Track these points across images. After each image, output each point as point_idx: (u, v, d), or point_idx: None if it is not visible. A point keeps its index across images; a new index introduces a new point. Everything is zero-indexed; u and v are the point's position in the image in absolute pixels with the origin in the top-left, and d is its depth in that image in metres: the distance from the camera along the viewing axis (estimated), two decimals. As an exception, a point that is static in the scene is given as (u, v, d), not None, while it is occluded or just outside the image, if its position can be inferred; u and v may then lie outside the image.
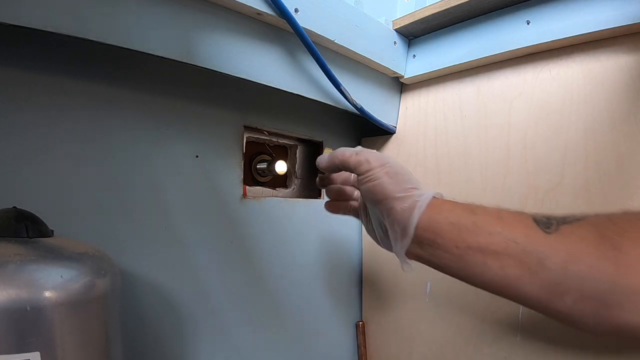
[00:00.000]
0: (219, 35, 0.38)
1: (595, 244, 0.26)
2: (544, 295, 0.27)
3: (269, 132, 0.52)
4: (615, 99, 0.39)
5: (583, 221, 0.27)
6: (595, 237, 0.26)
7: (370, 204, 0.35)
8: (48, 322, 0.22)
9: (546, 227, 0.27)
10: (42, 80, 0.34)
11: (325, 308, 0.58)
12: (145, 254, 0.40)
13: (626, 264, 0.25)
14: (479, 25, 0.48)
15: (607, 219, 0.27)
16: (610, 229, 0.26)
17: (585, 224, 0.27)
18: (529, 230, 0.28)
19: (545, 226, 0.27)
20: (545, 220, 0.28)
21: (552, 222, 0.28)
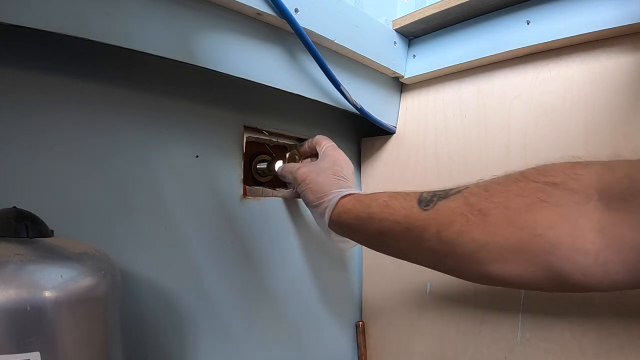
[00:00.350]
0: (219, 35, 0.38)
1: (461, 212, 0.31)
2: (431, 260, 0.35)
3: (269, 132, 0.52)
4: (615, 99, 0.39)
5: (459, 194, 0.33)
6: (462, 207, 0.31)
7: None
8: (48, 322, 0.22)
9: (425, 205, 0.34)
10: (42, 80, 0.34)
11: (325, 308, 0.58)
12: (145, 254, 0.40)
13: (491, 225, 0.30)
14: (479, 25, 0.48)
15: (481, 187, 0.32)
16: (479, 195, 0.31)
17: (459, 196, 0.32)
18: (409, 212, 0.34)
19: (425, 204, 0.34)
20: (429, 198, 0.34)
21: (433, 200, 0.33)
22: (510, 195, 0.30)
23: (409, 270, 0.56)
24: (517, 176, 0.31)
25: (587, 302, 0.40)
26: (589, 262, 0.27)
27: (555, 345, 0.42)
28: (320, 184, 0.43)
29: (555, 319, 0.42)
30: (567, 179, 0.28)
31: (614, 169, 0.27)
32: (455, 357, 0.51)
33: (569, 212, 0.28)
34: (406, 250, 0.37)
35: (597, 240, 0.26)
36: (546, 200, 0.28)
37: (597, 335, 0.39)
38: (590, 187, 0.27)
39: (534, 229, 0.29)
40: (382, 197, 0.37)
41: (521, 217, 0.29)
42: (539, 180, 0.29)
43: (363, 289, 0.64)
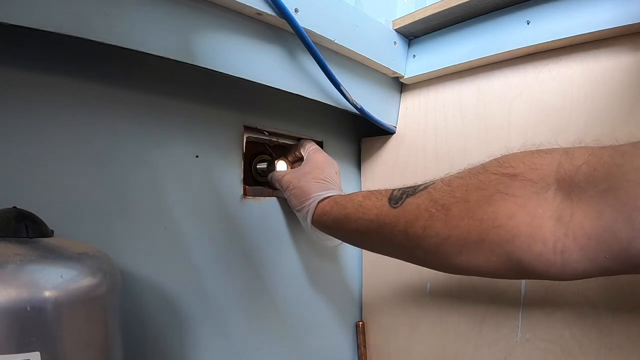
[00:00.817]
0: (219, 35, 0.38)
1: (425, 208, 0.33)
2: (403, 254, 0.38)
3: (269, 132, 0.52)
4: (615, 99, 0.39)
5: (425, 190, 0.34)
6: (427, 202, 0.33)
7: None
8: (48, 322, 0.22)
9: (395, 202, 0.35)
10: (42, 80, 0.34)
11: (325, 308, 0.58)
12: (145, 254, 0.40)
13: (453, 218, 0.31)
14: (479, 25, 0.48)
15: (445, 182, 0.33)
16: (443, 190, 0.32)
17: (424, 192, 0.34)
18: (380, 210, 0.36)
19: (395, 202, 0.35)
20: (399, 196, 0.35)
21: (402, 197, 0.35)
22: (470, 189, 0.31)
23: (409, 270, 0.56)
24: (478, 169, 0.32)
25: (587, 302, 0.40)
26: (548, 250, 0.27)
27: (555, 345, 0.42)
28: (301, 189, 0.45)
29: (555, 319, 0.42)
30: (526, 169, 0.29)
31: (574, 157, 0.27)
32: (455, 357, 0.51)
33: (528, 202, 0.28)
34: (380, 246, 0.40)
35: (555, 229, 0.27)
36: (505, 191, 0.29)
37: (597, 335, 0.39)
38: (550, 177, 0.28)
39: (494, 221, 0.29)
40: (357, 198, 0.39)
41: (481, 210, 0.30)
42: (499, 172, 0.30)
43: (363, 289, 0.64)
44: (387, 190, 0.38)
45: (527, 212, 0.28)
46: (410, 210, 0.34)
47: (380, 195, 0.38)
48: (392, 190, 0.37)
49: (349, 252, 0.62)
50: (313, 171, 0.47)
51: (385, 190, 0.38)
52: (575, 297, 0.40)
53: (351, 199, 0.40)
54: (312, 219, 0.44)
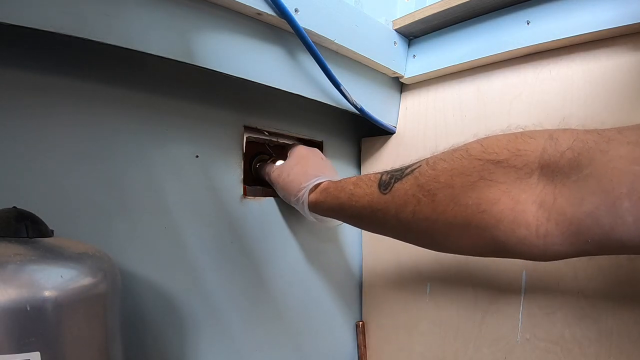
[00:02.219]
0: (219, 35, 0.38)
1: (413, 194, 0.33)
2: (398, 235, 0.39)
3: (269, 132, 0.52)
4: (615, 99, 0.39)
5: (411, 174, 0.34)
6: (414, 188, 0.34)
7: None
8: (48, 322, 0.22)
9: (384, 188, 0.36)
10: (41, 80, 0.34)
11: (325, 308, 0.58)
12: (145, 254, 0.40)
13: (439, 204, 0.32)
14: (479, 25, 0.48)
15: (430, 165, 0.34)
16: (428, 175, 0.33)
17: (410, 177, 0.34)
18: (371, 197, 0.37)
19: (384, 188, 0.36)
20: (387, 181, 0.36)
21: (391, 182, 0.36)
22: (454, 174, 0.31)
23: (409, 270, 0.56)
24: (462, 152, 0.32)
25: (587, 302, 0.40)
26: (531, 234, 0.28)
27: (555, 345, 0.42)
28: (291, 182, 0.46)
29: (555, 319, 0.42)
30: (510, 155, 0.29)
31: (559, 142, 0.27)
32: (455, 357, 0.51)
33: (511, 188, 0.29)
34: (376, 229, 0.41)
35: (539, 214, 0.27)
36: (489, 178, 0.30)
37: (597, 335, 0.39)
38: (534, 163, 0.28)
39: (478, 206, 0.30)
40: (348, 186, 0.40)
41: (466, 195, 0.31)
42: (482, 157, 0.30)
43: (363, 289, 0.64)
44: (376, 175, 0.38)
45: (510, 197, 0.29)
46: (399, 196, 0.35)
47: (369, 181, 0.38)
48: (381, 175, 0.38)
49: (349, 252, 0.62)
50: (299, 162, 0.47)
51: (374, 175, 0.39)
52: (575, 297, 0.40)
53: (343, 188, 0.41)
54: (309, 208, 0.45)
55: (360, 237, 0.64)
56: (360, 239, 0.64)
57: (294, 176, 0.46)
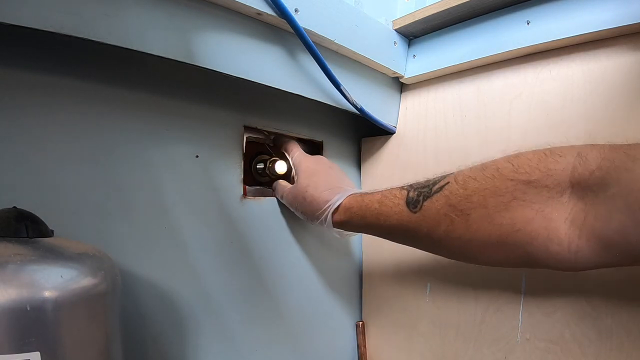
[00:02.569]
0: (219, 35, 0.38)
1: (445, 214, 0.34)
2: (429, 250, 0.40)
3: (269, 132, 0.52)
4: (615, 99, 0.39)
5: (440, 192, 0.35)
6: (445, 207, 0.34)
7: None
8: (48, 322, 0.22)
9: (413, 207, 0.36)
10: (42, 80, 0.34)
11: (325, 308, 0.58)
12: (145, 254, 0.40)
13: (473, 223, 0.33)
14: (479, 25, 0.48)
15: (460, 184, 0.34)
16: (459, 195, 0.33)
17: (440, 196, 0.35)
18: (400, 216, 0.37)
19: (413, 206, 0.36)
20: (415, 199, 0.36)
21: (419, 200, 0.36)
22: (487, 195, 0.32)
23: (409, 270, 0.56)
24: (492, 171, 0.33)
25: (587, 302, 0.40)
26: (563, 250, 0.29)
27: (555, 345, 0.42)
28: (309, 205, 0.45)
29: (555, 319, 0.42)
30: (541, 176, 0.30)
31: (588, 161, 0.28)
32: (455, 357, 0.51)
33: (544, 207, 0.30)
34: (407, 244, 0.41)
35: (570, 231, 0.29)
36: (522, 198, 0.31)
37: (597, 335, 0.39)
38: (565, 182, 0.29)
39: (513, 225, 0.31)
40: (373, 205, 0.40)
41: (499, 215, 0.32)
42: (514, 178, 0.31)
43: (363, 289, 0.64)
44: (402, 192, 0.38)
45: (543, 216, 0.30)
46: (430, 216, 0.35)
47: (396, 199, 0.38)
48: (407, 191, 0.38)
49: (349, 252, 0.62)
50: (311, 181, 0.46)
51: (399, 191, 0.38)
52: (576, 297, 0.40)
53: (367, 207, 0.40)
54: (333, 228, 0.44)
55: (361, 237, 0.64)
56: (360, 239, 0.64)
57: (311, 198, 0.44)
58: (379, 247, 0.61)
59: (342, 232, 0.45)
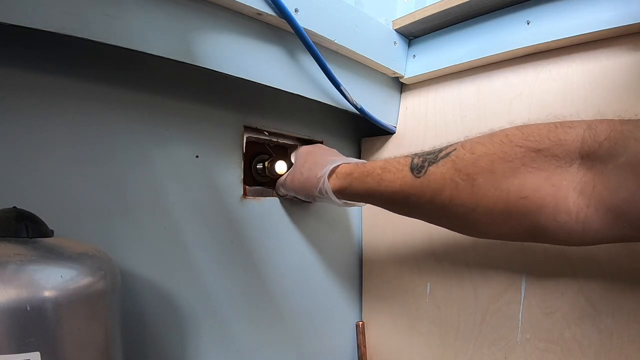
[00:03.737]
0: (219, 35, 0.38)
1: (450, 178, 0.33)
2: (431, 220, 0.39)
3: (269, 132, 0.52)
4: (615, 99, 0.39)
5: (447, 157, 0.34)
6: (451, 172, 0.33)
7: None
8: (48, 322, 0.22)
9: (417, 172, 0.35)
10: (41, 81, 0.34)
11: (325, 308, 0.58)
12: (145, 254, 0.40)
13: (479, 189, 0.32)
14: (479, 25, 0.48)
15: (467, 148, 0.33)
16: (466, 160, 0.33)
17: (447, 161, 0.34)
18: (403, 181, 0.36)
19: (417, 171, 0.35)
20: (420, 164, 0.36)
21: (424, 165, 0.35)
22: (495, 160, 0.31)
23: (409, 270, 0.56)
24: (501, 138, 0.32)
25: (587, 302, 0.40)
26: (571, 220, 0.29)
27: (555, 345, 0.42)
28: (307, 180, 0.44)
29: (555, 319, 0.42)
30: (551, 145, 0.30)
31: (597, 133, 0.28)
32: (455, 357, 0.51)
33: (552, 175, 0.29)
34: (408, 213, 0.40)
35: (579, 200, 0.28)
36: (530, 165, 0.30)
37: (597, 335, 0.39)
38: (574, 153, 0.29)
39: (520, 192, 0.30)
40: (376, 170, 0.39)
41: (507, 181, 0.31)
42: (524, 145, 0.30)
43: (363, 289, 0.64)
44: (406, 159, 0.37)
45: (552, 184, 0.29)
46: (435, 180, 0.34)
47: (400, 165, 0.37)
48: (412, 158, 0.37)
49: (349, 252, 0.62)
50: (307, 159, 0.47)
51: (404, 158, 0.38)
52: (576, 296, 0.40)
53: (369, 173, 0.39)
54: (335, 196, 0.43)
55: (361, 237, 0.64)
56: (360, 239, 0.64)
57: (307, 172, 0.45)
58: (379, 247, 0.61)
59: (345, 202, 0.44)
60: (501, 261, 0.46)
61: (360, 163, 0.42)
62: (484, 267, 0.48)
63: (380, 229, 0.60)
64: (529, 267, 0.44)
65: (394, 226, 0.58)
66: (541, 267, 0.43)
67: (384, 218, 0.59)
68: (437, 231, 0.51)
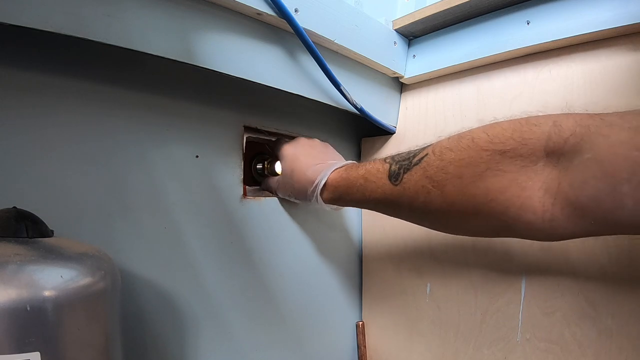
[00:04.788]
0: (219, 35, 0.38)
1: (422, 185, 0.35)
2: (413, 221, 0.41)
3: (269, 132, 0.52)
4: (615, 99, 0.39)
5: (419, 165, 0.36)
6: (423, 179, 0.35)
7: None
8: (48, 322, 0.22)
9: (395, 180, 0.37)
10: (41, 81, 0.34)
11: (325, 308, 0.58)
12: (145, 254, 0.40)
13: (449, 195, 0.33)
14: (479, 25, 0.48)
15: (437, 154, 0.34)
16: (435, 167, 0.34)
17: (419, 168, 0.35)
18: (383, 190, 0.38)
19: (394, 179, 0.37)
20: (396, 172, 0.37)
21: (400, 173, 0.37)
22: (462, 165, 0.32)
23: (409, 271, 0.56)
24: (467, 141, 0.33)
25: (587, 302, 0.40)
26: (537, 219, 0.29)
27: (555, 345, 0.42)
28: (299, 192, 0.46)
29: (555, 319, 0.42)
30: (516, 145, 0.30)
31: (562, 129, 0.28)
32: (455, 357, 0.51)
33: (518, 176, 0.30)
34: (393, 215, 0.42)
35: (545, 199, 0.29)
36: (496, 168, 0.31)
37: (597, 335, 0.39)
38: (539, 151, 0.29)
39: (486, 195, 0.31)
40: (359, 181, 0.41)
41: (474, 186, 0.32)
42: (489, 148, 0.31)
43: (363, 289, 0.64)
44: (384, 165, 0.39)
45: (517, 185, 0.30)
46: (409, 188, 0.36)
47: (379, 173, 0.39)
48: (389, 164, 0.38)
49: (349, 252, 0.62)
50: (294, 165, 0.47)
51: (382, 164, 0.39)
52: (575, 297, 0.40)
53: (353, 184, 0.41)
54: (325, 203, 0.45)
55: (361, 237, 0.64)
56: (360, 239, 0.64)
57: (298, 183, 0.46)
58: (379, 247, 0.61)
59: (334, 207, 0.47)
60: (501, 261, 0.46)
61: (344, 168, 0.44)
62: (484, 267, 0.48)
63: (380, 229, 0.60)
64: (529, 267, 0.44)
65: (394, 226, 0.58)
66: (541, 267, 0.43)
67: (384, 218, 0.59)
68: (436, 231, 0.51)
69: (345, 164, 0.45)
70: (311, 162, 0.46)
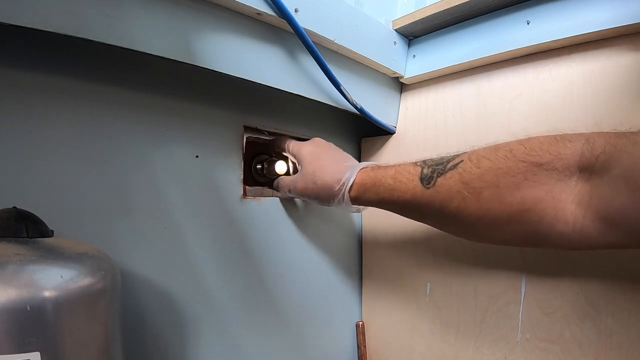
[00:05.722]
0: (219, 35, 0.38)
1: (458, 190, 0.35)
2: (440, 227, 0.41)
3: (269, 132, 0.52)
4: (615, 99, 0.39)
5: (454, 170, 0.36)
6: (458, 185, 0.35)
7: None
8: (48, 322, 0.22)
9: (427, 183, 0.37)
10: (42, 80, 0.34)
11: (325, 308, 0.58)
12: (145, 254, 0.40)
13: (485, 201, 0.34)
14: (479, 25, 0.48)
15: (473, 162, 0.35)
16: (472, 173, 0.35)
17: (454, 173, 0.36)
18: (414, 192, 0.38)
19: (427, 182, 0.37)
20: (429, 175, 0.38)
21: (433, 176, 0.37)
22: (500, 174, 0.33)
23: (409, 270, 0.56)
24: (505, 153, 0.34)
25: (587, 302, 0.40)
26: (568, 229, 0.31)
27: (555, 345, 0.42)
28: (322, 190, 0.45)
29: (555, 319, 0.42)
30: (552, 159, 0.31)
31: (594, 147, 0.30)
32: (455, 357, 0.51)
33: (553, 188, 0.32)
34: (418, 219, 0.42)
35: (576, 212, 0.31)
36: (532, 179, 0.32)
37: (597, 335, 0.39)
38: (573, 166, 0.31)
39: (523, 205, 0.33)
40: (387, 180, 0.40)
41: (511, 195, 0.33)
42: (526, 159, 0.33)
43: (363, 289, 0.64)
44: (416, 168, 0.39)
45: (552, 196, 0.32)
46: (443, 192, 0.36)
47: (410, 175, 0.39)
48: (421, 167, 0.39)
49: (349, 252, 0.62)
50: (317, 165, 0.46)
51: (413, 167, 0.39)
52: (575, 297, 0.40)
53: (381, 183, 0.41)
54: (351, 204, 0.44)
55: (361, 237, 0.64)
56: (360, 239, 0.64)
57: (321, 182, 0.44)
58: (379, 247, 0.61)
59: (358, 207, 0.46)
60: (501, 261, 0.46)
61: (370, 167, 0.43)
62: (484, 267, 0.48)
63: (380, 229, 0.60)
64: (529, 267, 0.44)
65: (394, 226, 0.58)
66: (541, 267, 0.43)
67: (384, 218, 0.59)
68: (436, 231, 0.51)
69: (371, 164, 0.44)
70: (336, 161, 0.46)
